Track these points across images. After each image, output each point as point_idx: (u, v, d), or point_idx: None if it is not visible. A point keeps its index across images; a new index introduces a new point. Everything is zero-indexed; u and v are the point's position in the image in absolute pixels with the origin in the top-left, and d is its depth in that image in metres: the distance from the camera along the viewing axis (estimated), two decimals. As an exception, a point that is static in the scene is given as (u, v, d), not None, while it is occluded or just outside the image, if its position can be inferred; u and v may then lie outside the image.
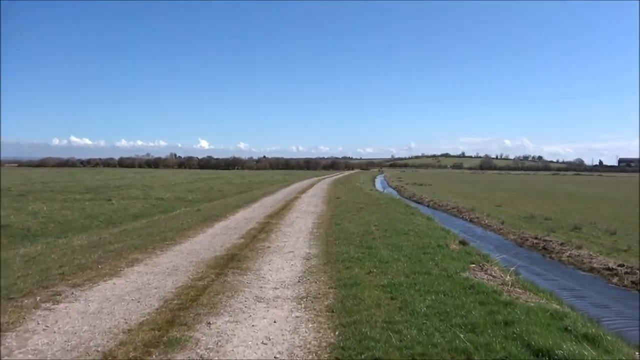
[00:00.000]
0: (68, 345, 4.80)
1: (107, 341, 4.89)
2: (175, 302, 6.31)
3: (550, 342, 4.89)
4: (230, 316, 5.79)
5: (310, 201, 25.18)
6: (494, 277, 7.98)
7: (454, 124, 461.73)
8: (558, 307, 6.75)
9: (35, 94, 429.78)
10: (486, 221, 22.05)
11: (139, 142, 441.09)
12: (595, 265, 12.73)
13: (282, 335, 5.22)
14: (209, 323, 5.50)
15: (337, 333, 5.22)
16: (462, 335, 5.10)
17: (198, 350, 4.72)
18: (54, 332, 5.18)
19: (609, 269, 12.19)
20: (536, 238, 16.86)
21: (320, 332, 5.29)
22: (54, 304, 6.13)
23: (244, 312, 5.95)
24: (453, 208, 28.39)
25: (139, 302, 6.31)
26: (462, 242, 11.95)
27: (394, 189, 52.82)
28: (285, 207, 20.74)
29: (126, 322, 5.49)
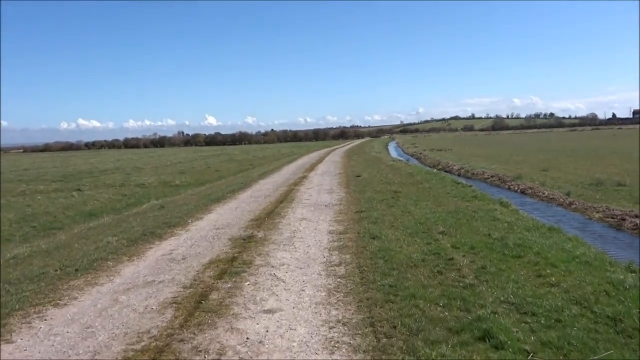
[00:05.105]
0: None
1: None
2: None
3: None
4: None
5: (321, 183, 18.96)
6: None
7: (459, 85, 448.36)
8: None
9: (41, 78, 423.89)
10: (545, 193, 17.23)
11: (147, 122, 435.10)
12: None
13: None
14: None
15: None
16: None
17: None
18: None
19: None
20: (637, 216, 12.10)
21: None
22: None
23: None
24: (492, 176, 23.52)
25: None
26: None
27: (412, 156, 47.92)
28: (287, 198, 14.72)
29: None
